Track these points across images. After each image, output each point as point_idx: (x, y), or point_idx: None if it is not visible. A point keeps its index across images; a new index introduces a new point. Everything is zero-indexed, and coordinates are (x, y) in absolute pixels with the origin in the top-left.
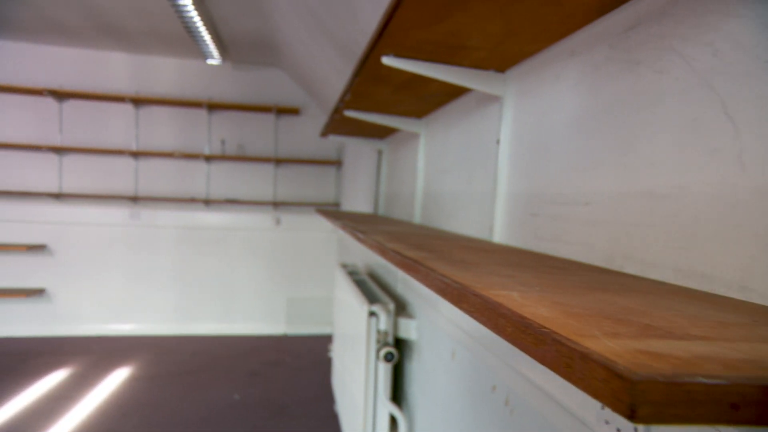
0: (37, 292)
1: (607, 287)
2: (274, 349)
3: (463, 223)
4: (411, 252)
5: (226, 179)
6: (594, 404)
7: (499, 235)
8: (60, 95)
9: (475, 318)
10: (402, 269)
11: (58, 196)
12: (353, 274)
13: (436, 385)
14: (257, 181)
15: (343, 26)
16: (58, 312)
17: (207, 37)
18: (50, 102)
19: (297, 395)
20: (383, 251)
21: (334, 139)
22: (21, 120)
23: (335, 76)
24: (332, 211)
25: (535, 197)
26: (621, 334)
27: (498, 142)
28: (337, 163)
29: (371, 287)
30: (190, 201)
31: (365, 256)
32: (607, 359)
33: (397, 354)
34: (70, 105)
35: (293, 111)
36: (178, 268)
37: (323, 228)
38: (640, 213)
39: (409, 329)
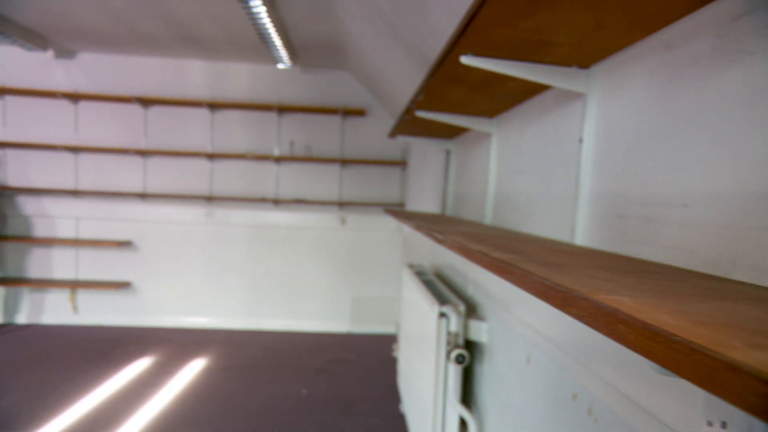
0: (123, 285)
1: (724, 295)
2: (339, 346)
3: (540, 225)
4: (497, 253)
5: (294, 180)
6: (697, 417)
7: (582, 237)
8: (145, 102)
9: (587, 323)
10: (491, 271)
11: (142, 196)
12: (421, 275)
13: (508, 390)
14: (324, 181)
15: (411, 27)
16: (141, 304)
17: (278, 42)
18: (137, 109)
19: (362, 393)
20: (467, 253)
21: (400, 140)
22: (111, 126)
23: (402, 77)
24: (401, 212)
25: (623, 198)
26: (767, 347)
27: (581, 140)
28: (402, 164)
29: (440, 288)
30: (260, 201)
31: (432, 257)
32: (764, 373)
33: (469, 356)
34: (154, 111)
35: (359, 112)
36: (248, 265)
37: (387, 228)
38: (751, 216)
39: (479, 331)
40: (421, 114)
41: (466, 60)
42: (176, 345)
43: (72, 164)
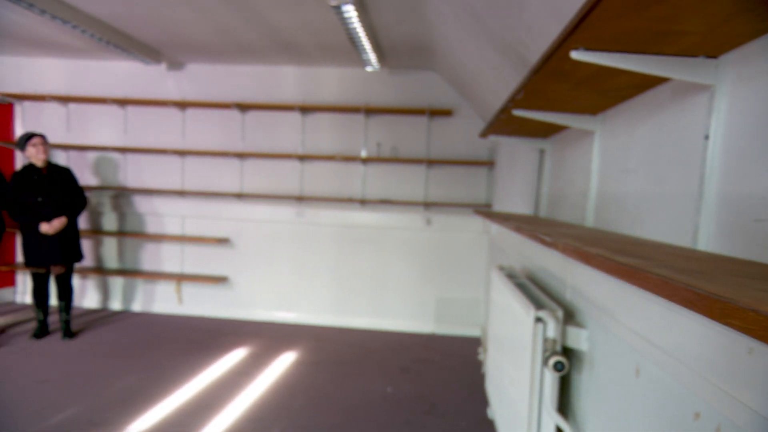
0: (222, 280)
1: None
2: (423, 346)
3: (652, 228)
4: (622, 258)
5: (380, 180)
6: None
7: (707, 242)
8: (243, 107)
9: (757, 336)
10: (618, 277)
11: (239, 196)
12: (512, 277)
13: (613, 403)
14: (409, 181)
15: (505, 24)
16: (237, 297)
17: (368, 45)
18: (235, 114)
19: (447, 395)
20: (585, 257)
21: (488, 140)
22: (213, 131)
23: (492, 76)
24: (494, 213)
25: (761, 200)
26: None
27: (707, 137)
28: (489, 164)
29: (533, 291)
30: (347, 201)
31: (523, 259)
32: None
33: (568, 364)
34: (250, 116)
35: (446, 112)
36: (335, 264)
37: (473, 229)
38: None
39: (579, 339)
40: (519, 113)
41: (576, 55)
42: (268, 338)
43: (179, 167)
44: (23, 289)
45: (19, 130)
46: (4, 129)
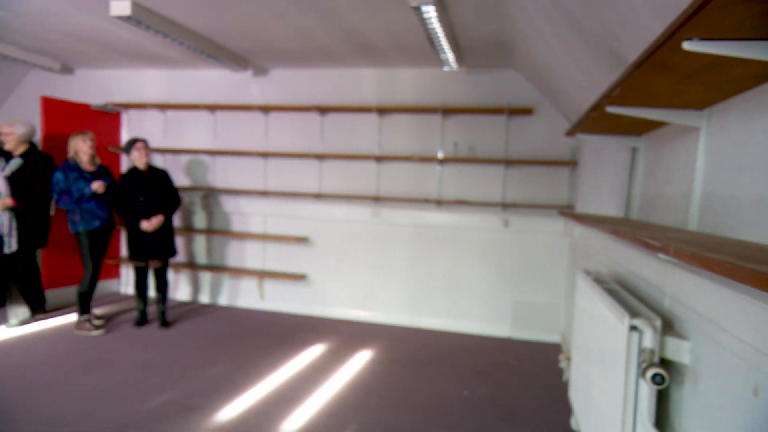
0: (301, 277)
1: None
2: (499, 350)
3: None
4: (751, 265)
5: (456, 181)
6: None
7: None
8: (322, 110)
9: None
10: (752, 286)
11: (318, 196)
12: (600, 282)
13: (723, 423)
14: (486, 182)
15: (596, 18)
16: (315, 295)
17: (446, 45)
18: (315, 116)
19: (526, 402)
20: (707, 263)
21: (570, 139)
22: (294, 133)
23: (579, 72)
24: (582, 215)
25: None
26: None
27: None
28: (571, 164)
29: (626, 298)
30: (423, 201)
31: (611, 263)
32: None
33: (668, 377)
34: (329, 118)
35: (526, 111)
36: (411, 264)
37: (553, 231)
38: None
39: (680, 351)
40: (613, 110)
41: (689, 46)
42: (344, 335)
43: (262, 168)
44: (126, 281)
45: (125, 136)
46: (113, 135)
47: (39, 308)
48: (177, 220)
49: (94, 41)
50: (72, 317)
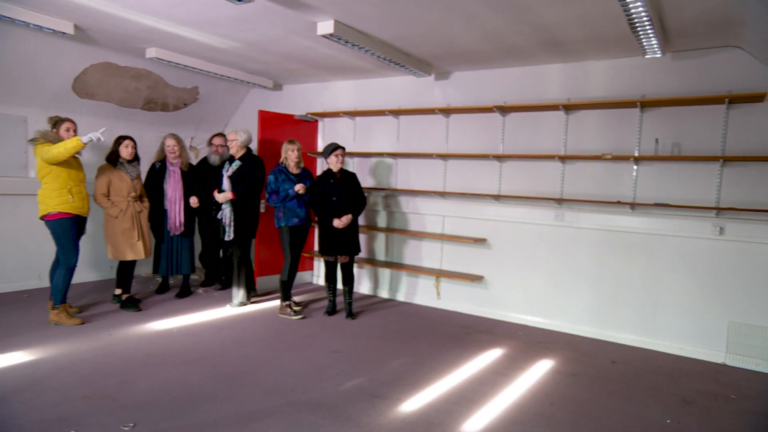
0: (477, 278)
1: None
2: (711, 378)
3: None
4: None
5: (655, 181)
6: None
7: None
8: (504, 110)
9: None
10: None
11: (497, 197)
12: None
13: None
14: (695, 182)
15: None
16: (491, 297)
17: (651, 29)
18: (496, 117)
19: None
20: None
21: None
22: (474, 134)
23: None
24: None
25: None
26: None
27: None
28: None
29: None
30: (615, 204)
31: None
32: None
33: None
34: (511, 118)
35: (755, 98)
36: (598, 271)
37: None
38: None
39: None
40: None
41: None
42: (522, 341)
43: (442, 169)
44: (318, 273)
45: (321, 142)
46: (311, 141)
47: (251, 292)
48: (361, 219)
49: (301, 59)
50: (276, 302)
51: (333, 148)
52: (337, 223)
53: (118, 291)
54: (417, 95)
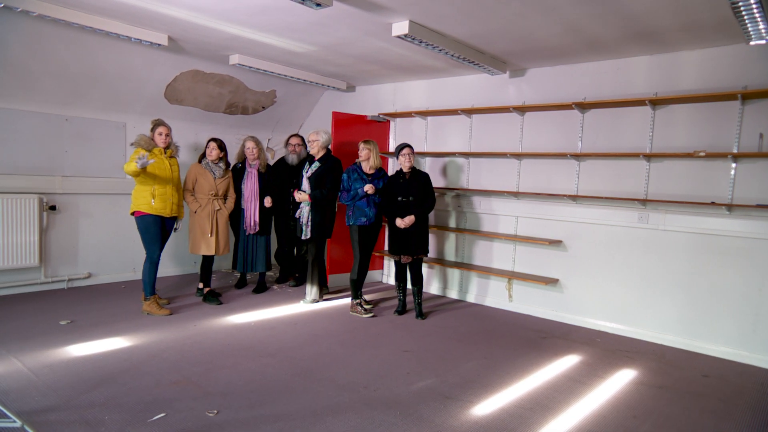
0: (552, 281)
1: None
2: None
3: None
4: None
5: (758, 180)
6: None
7: None
8: (583, 106)
9: None
10: None
11: (574, 198)
12: None
13: None
14: None
15: None
16: (567, 301)
17: (759, 12)
18: (574, 114)
19: None
20: None
21: None
22: (550, 132)
23: None
24: None
25: None
26: None
27: None
28: None
29: None
30: (708, 205)
31: None
32: None
33: None
34: (591, 114)
35: None
36: (686, 277)
37: None
38: None
39: None
40: None
41: None
42: (601, 348)
43: (515, 169)
44: (388, 272)
45: (393, 142)
46: (383, 141)
47: (324, 289)
48: (431, 219)
49: (375, 61)
50: (347, 300)
51: (401, 148)
52: (399, 222)
53: (200, 285)
54: (490, 93)
